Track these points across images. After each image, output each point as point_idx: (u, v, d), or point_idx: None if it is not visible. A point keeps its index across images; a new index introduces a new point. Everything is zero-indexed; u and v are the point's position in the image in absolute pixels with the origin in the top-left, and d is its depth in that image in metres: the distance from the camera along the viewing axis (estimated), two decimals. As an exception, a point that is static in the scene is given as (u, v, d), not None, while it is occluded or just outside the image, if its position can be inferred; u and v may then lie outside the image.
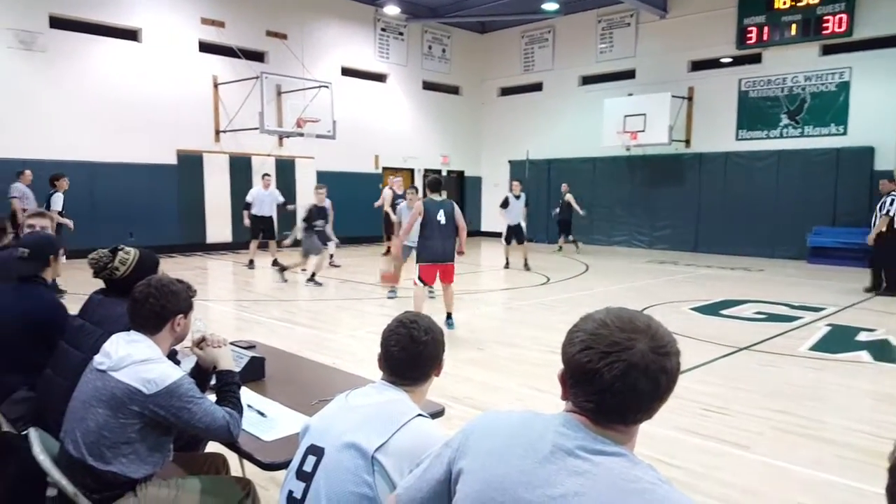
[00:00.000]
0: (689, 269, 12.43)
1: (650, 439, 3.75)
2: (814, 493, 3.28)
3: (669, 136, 15.04)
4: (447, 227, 6.73)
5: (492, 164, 20.00)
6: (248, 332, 6.25)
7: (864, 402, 4.96)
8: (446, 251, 6.76)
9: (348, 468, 1.54)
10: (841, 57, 13.70)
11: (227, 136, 14.58)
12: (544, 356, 5.76)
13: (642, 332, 1.07)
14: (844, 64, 13.64)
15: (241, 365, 2.65)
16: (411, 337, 1.73)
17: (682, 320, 7.40)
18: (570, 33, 17.97)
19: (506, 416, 1.23)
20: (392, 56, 17.86)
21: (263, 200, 11.72)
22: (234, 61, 14.62)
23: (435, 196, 6.84)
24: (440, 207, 6.72)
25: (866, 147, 13.35)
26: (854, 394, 5.10)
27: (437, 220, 6.66)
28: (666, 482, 1.04)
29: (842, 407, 4.78)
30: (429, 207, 6.71)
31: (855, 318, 7.71)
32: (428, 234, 6.69)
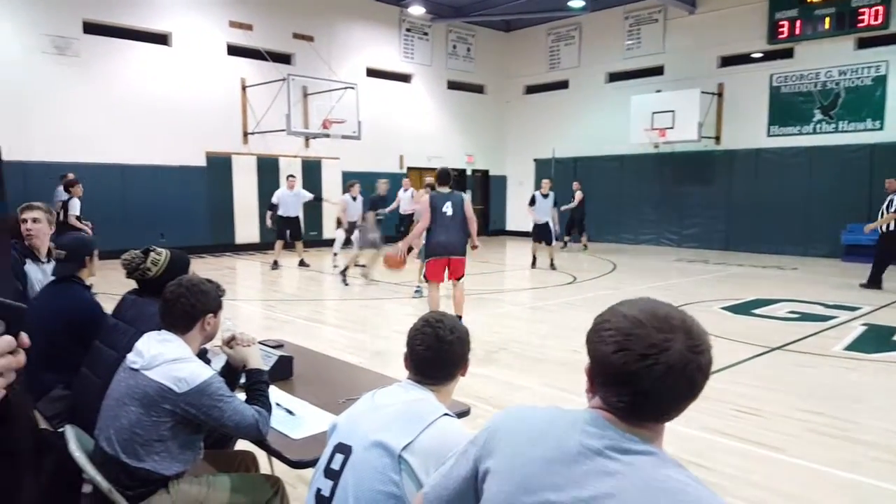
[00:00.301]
0: (719, 268, 12.23)
1: (681, 440, 3.70)
2: (850, 496, 3.22)
3: (699, 133, 14.80)
4: (455, 219, 6.36)
5: (517, 163, 19.93)
6: (276, 332, 6.30)
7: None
8: (454, 244, 6.36)
9: (375, 467, 1.55)
10: (877, 50, 13.32)
11: (255, 137, 14.76)
12: (569, 356, 5.72)
13: (679, 330, 1.04)
14: (881, 57, 13.26)
15: (270, 364, 2.67)
16: (437, 336, 1.73)
17: (713, 320, 7.28)
18: (596, 30, 17.81)
19: (531, 413, 1.22)
20: (417, 56, 17.91)
21: (289, 201, 11.86)
22: (261, 64, 14.80)
23: (443, 189, 6.51)
24: (447, 199, 6.37)
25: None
26: (891, 395, 4.97)
27: (444, 211, 6.31)
28: (697, 481, 1.02)
29: (878, 408, 4.66)
30: (435, 200, 6.39)
31: (891, 318, 7.51)
32: (434, 227, 6.32)
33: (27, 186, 10.95)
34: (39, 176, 11.49)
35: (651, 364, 1.02)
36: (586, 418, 1.10)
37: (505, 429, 1.21)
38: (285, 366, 2.77)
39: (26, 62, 11.87)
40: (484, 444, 1.22)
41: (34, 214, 3.50)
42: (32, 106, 11.86)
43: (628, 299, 1.12)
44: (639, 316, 1.06)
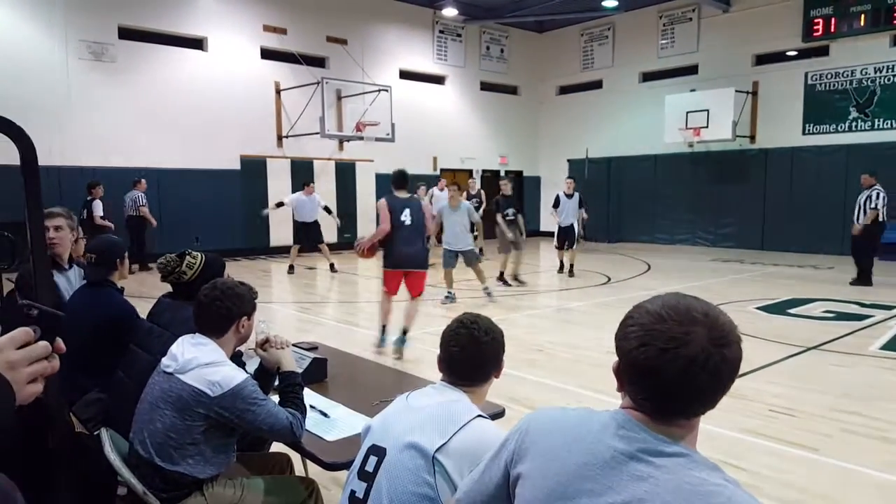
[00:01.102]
0: (755, 268, 12.13)
1: (715, 440, 3.77)
2: (886, 497, 3.24)
3: (733, 132, 14.67)
4: (414, 229, 5.79)
5: (550, 164, 19.93)
6: (309, 334, 6.26)
7: (941, 405, 4.82)
8: (412, 256, 5.85)
9: (409, 468, 1.55)
10: (915, 47, 13.07)
11: (290, 141, 14.98)
12: (604, 357, 5.75)
13: (700, 324, 1.02)
14: (920, 54, 13.00)
15: (304, 366, 2.67)
16: (472, 337, 1.72)
17: (748, 320, 7.29)
18: (630, 30, 17.73)
19: (562, 415, 1.20)
20: (450, 58, 18.05)
21: (305, 206, 12.02)
22: (295, 67, 15.03)
23: (401, 193, 5.95)
24: (406, 206, 5.83)
25: (945, 139, 12.69)
26: (929, 396, 4.96)
27: (402, 220, 5.78)
28: (733, 482, 1.01)
29: (916, 410, 4.67)
30: (393, 204, 5.82)
31: (931, 319, 7.42)
32: (393, 236, 5.78)
33: (63, 190, 11.36)
34: (75, 180, 11.80)
35: (672, 358, 1.01)
36: (618, 420, 1.09)
37: (536, 431, 1.20)
38: (319, 368, 2.77)
39: (62, 68, 12.09)
40: (516, 448, 1.22)
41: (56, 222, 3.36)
42: (69, 111, 12.11)
43: (656, 295, 1.12)
44: (660, 311, 1.05)
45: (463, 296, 8.93)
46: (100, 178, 11.83)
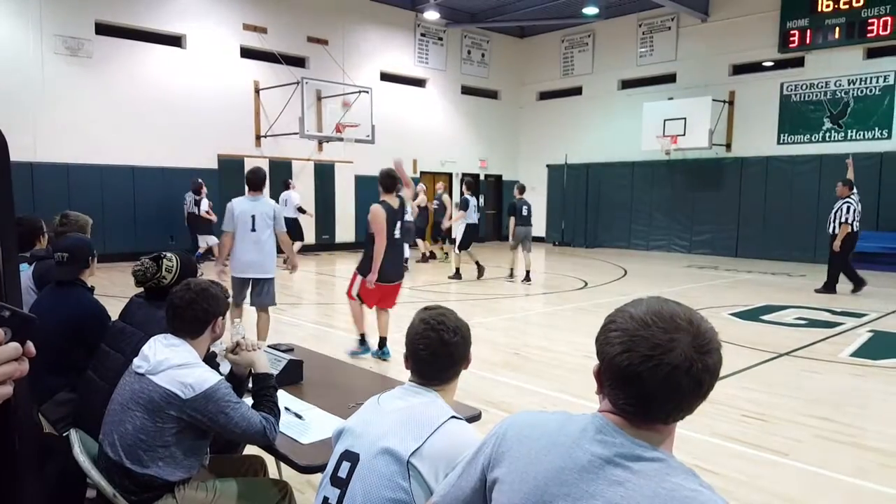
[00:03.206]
0: (729, 275, 12.30)
1: (689, 445, 3.80)
2: (856, 501, 3.29)
3: (710, 141, 14.89)
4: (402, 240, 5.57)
5: (530, 169, 20.03)
6: (286, 336, 6.05)
7: (907, 410, 4.92)
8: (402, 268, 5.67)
9: (384, 474, 1.53)
10: (886, 60, 13.39)
11: (268, 140, 14.87)
12: (581, 361, 5.81)
13: (684, 331, 1.03)
14: (889, 67, 13.33)
15: (280, 368, 2.65)
16: (441, 341, 1.70)
17: (722, 326, 7.29)
18: (610, 37, 17.92)
19: (539, 419, 1.20)
20: (431, 61, 18.06)
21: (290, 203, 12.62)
22: (275, 67, 14.93)
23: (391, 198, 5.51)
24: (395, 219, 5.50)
25: (914, 151, 13.02)
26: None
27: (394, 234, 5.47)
28: (707, 488, 1.01)
29: (884, 414, 4.75)
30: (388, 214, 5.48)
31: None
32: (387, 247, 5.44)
33: (36, 187, 11.19)
34: (49, 176, 11.64)
35: (655, 365, 1.01)
36: (596, 424, 1.09)
37: (513, 436, 1.19)
38: (295, 370, 2.74)
39: (37, 63, 11.86)
40: (492, 452, 1.21)
41: None
42: (43, 106, 11.89)
43: (638, 299, 1.12)
44: (644, 317, 1.05)
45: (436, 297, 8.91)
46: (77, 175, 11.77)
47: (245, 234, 5.30)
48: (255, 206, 5.38)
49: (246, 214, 5.32)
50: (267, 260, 5.36)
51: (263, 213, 5.34)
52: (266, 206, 5.40)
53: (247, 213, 5.33)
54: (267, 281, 5.39)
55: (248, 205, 5.40)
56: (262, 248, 5.33)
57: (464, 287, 10.49)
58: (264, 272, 5.36)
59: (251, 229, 5.28)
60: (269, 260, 5.38)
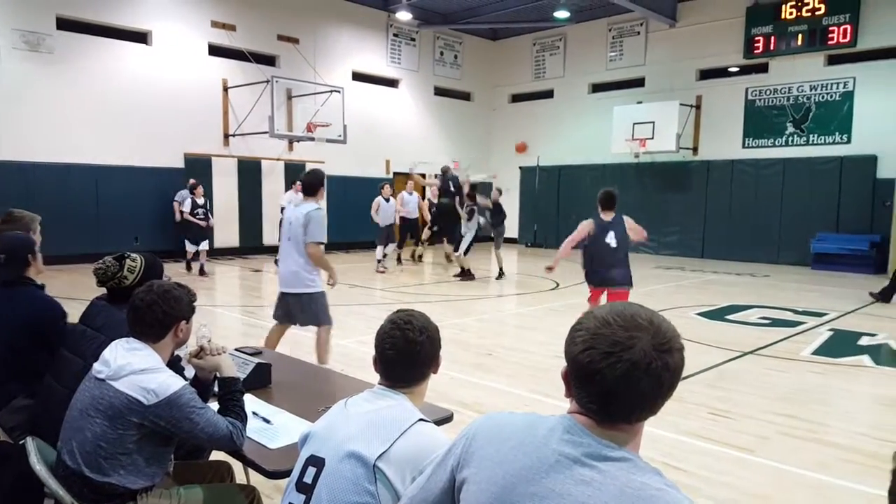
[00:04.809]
0: (695, 275, 12.53)
1: (656, 443, 3.85)
2: (819, 496, 3.36)
3: (677, 144, 15.16)
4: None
5: (502, 170, 20.11)
6: (255, 339, 6.04)
7: (867, 405, 5.09)
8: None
9: (349, 478, 1.52)
10: (845, 67, 13.81)
11: (236, 140, 14.65)
12: (553, 361, 5.82)
13: (644, 329, 1.05)
14: (849, 74, 13.74)
15: (247, 371, 2.61)
16: (406, 339, 1.68)
17: (688, 325, 7.51)
18: (581, 41, 18.11)
19: (509, 420, 1.21)
20: (404, 62, 18.03)
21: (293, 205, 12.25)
22: (244, 65, 14.72)
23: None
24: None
25: (869, 155, 13.45)
26: (857, 398, 5.23)
27: None
28: (672, 486, 1.03)
29: (845, 411, 4.89)
30: None
31: (856, 323, 7.83)
32: None
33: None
34: (9, 175, 11.29)
35: (614, 361, 1.03)
36: (564, 425, 1.11)
37: (482, 437, 1.20)
38: (263, 373, 2.69)
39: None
40: (461, 453, 1.21)
41: None
42: (1, 103, 11.54)
43: (606, 304, 1.15)
44: (607, 316, 1.08)
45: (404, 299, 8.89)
46: (38, 174, 11.47)
47: (283, 242, 4.84)
48: (295, 212, 4.74)
49: (286, 221, 4.85)
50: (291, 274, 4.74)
51: (297, 219, 4.68)
52: (300, 213, 4.68)
53: (286, 219, 4.86)
54: (296, 296, 4.77)
55: (290, 211, 4.85)
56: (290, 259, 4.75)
57: (437, 289, 10.50)
58: (290, 286, 4.78)
59: (287, 238, 4.75)
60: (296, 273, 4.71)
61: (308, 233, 4.57)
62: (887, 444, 3.98)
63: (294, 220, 4.67)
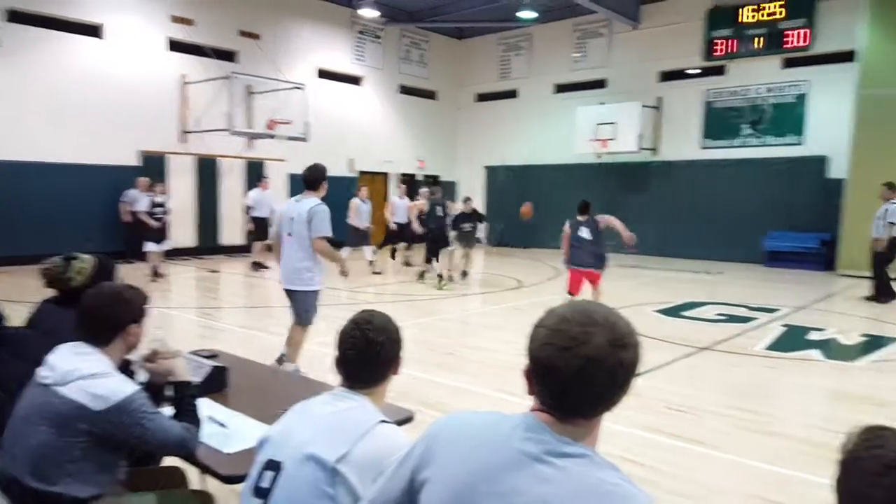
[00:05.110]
0: (654, 273, 12.75)
1: (614, 437, 3.87)
2: (773, 486, 3.43)
3: (638, 145, 15.40)
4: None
5: (468, 170, 20.16)
6: (211, 341, 6.00)
7: (817, 398, 5.24)
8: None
9: (308, 482, 1.49)
10: (800, 70, 14.21)
11: (194, 137, 14.27)
12: (516, 359, 5.75)
13: (601, 326, 1.08)
14: (803, 77, 14.16)
15: (203, 375, 2.56)
16: (367, 339, 1.67)
17: (647, 322, 7.63)
18: (546, 42, 18.22)
19: (469, 420, 1.22)
20: (369, 59, 17.88)
21: (263, 202, 12.21)
22: (203, 60, 14.37)
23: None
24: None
25: (820, 156, 13.88)
26: (806, 391, 5.38)
27: None
28: (627, 481, 1.06)
29: (796, 403, 5.04)
30: None
31: (807, 319, 8.06)
32: None
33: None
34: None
35: (570, 357, 1.05)
36: (525, 423, 1.12)
37: (444, 437, 1.20)
38: (219, 377, 2.65)
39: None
40: (422, 454, 1.21)
41: None
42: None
43: (566, 302, 1.18)
44: (565, 313, 1.11)
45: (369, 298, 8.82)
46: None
47: (284, 238, 4.77)
48: (296, 207, 4.71)
49: (285, 216, 4.78)
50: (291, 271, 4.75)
51: (299, 215, 4.66)
52: (302, 208, 4.66)
53: (286, 214, 4.78)
54: (292, 293, 4.83)
55: (289, 206, 4.80)
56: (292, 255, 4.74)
57: (401, 288, 10.45)
58: (289, 283, 4.80)
59: (287, 233, 4.73)
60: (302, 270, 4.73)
61: (314, 228, 4.56)
62: (837, 434, 4.09)
63: (297, 215, 4.62)
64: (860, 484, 0.89)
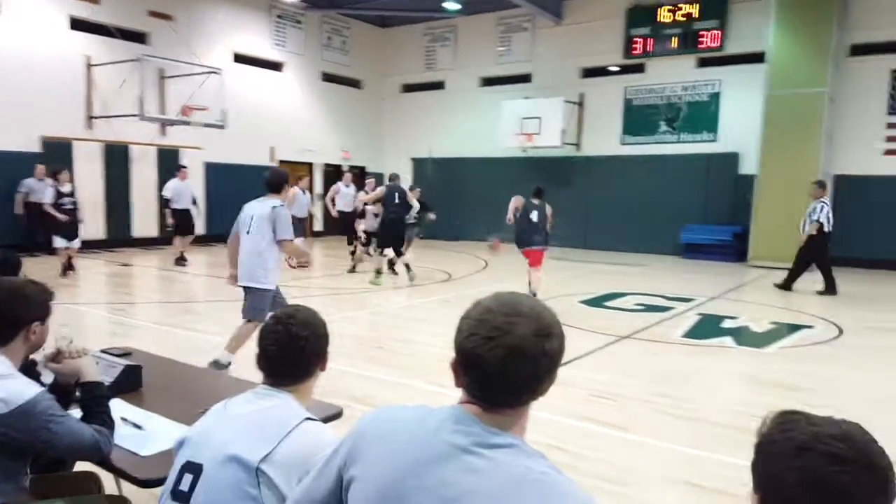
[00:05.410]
0: (578, 265, 13.06)
1: (541, 425, 3.89)
2: (690, 468, 3.54)
3: (562, 140, 15.71)
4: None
5: (395, 161, 19.93)
6: (124, 338, 5.80)
7: (731, 383, 5.47)
8: None
9: (230, 483, 1.45)
10: (714, 70, 14.90)
11: (102, 122, 13.43)
12: (445, 352, 5.73)
13: (525, 316, 1.09)
14: (716, 76, 14.85)
15: (115, 374, 2.47)
16: (289, 334, 1.63)
17: (571, 312, 7.78)
18: (471, 34, 18.25)
19: (397, 415, 1.21)
20: (289, 45, 17.34)
21: (182, 193, 11.52)
22: (110, 41, 13.52)
23: None
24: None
25: (733, 153, 14.62)
26: (721, 375, 5.62)
27: None
28: (554, 469, 1.07)
29: (712, 388, 5.24)
30: None
31: (720, 308, 8.44)
32: None
33: None
34: None
35: (494, 346, 1.06)
36: (454, 415, 1.12)
37: (371, 433, 1.19)
38: (133, 376, 2.56)
39: None
40: (349, 451, 1.20)
41: None
42: None
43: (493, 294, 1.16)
44: (490, 304, 1.12)
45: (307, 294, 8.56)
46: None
47: (243, 236, 4.90)
48: (258, 206, 4.89)
49: (245, 216, 4.93)
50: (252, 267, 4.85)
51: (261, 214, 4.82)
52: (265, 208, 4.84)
53: (246, 214, 4.93)
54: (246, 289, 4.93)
55: (251, 206, 4.94)
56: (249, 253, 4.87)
57: (330, 282, 10.23)
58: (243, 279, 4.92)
59: (246, 231, 4.87)
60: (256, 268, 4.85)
61: (278, 231, 4.78)
62: (750, 417, 4.27)
63: (258, 214, 4.80)
64: (774, 466, 0.91)
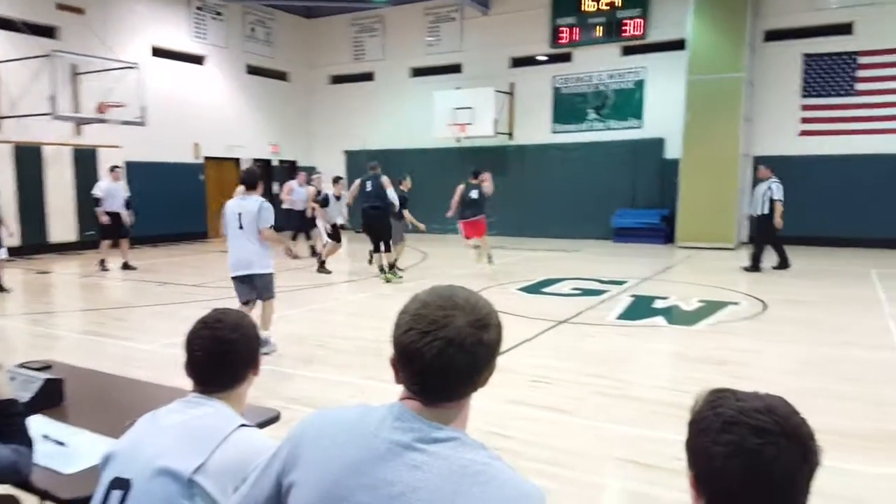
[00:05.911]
0: (515, 253, 13.22)
1: (483, 414, 3.90)
2: (630, 447, 3.64)
3: (494, 129, 15.83)
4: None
5: (326, 154, 19.59)
6: (45, 351, 5.49)
7: (665, 361, 5.66)
8: None
9: (161, 498, 1.40)
10: (638, 57, 15.35)
11: (11, 122, 12.64)
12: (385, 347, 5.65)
13: (461, 308, 1.09)
14: (641, 64, 15.31)
15: (33, 390, 2.35)
16: (217, 339, 1.57)
17: (509, 300, 7.86)
18: (399, 25, 18.10)
19: (336, 416, 1.19)
20: (210, 37, 16.69)
21: (116, 195, 10.99)
22: (16, 36, 12.70)
23: None
24: None
25: (658, 138, 15.15)
26: (654, 355, 5.80)
27: None
28: (496, 458, 1.08)
29: (646, 367, 5.42)
30: None
31: (651, 289, 8.73)
32: None
33: None
34: None
35: (431, 340, 1.06)
36: (394, 412, 1.12)
37: (310, 436, 1.17)
38: (54, 390, 2.44)
39: None
40: (287, 456, 1.17)
41: None
42: None
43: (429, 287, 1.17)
44: (426, 298, 1.13)
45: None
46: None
47: (234, 232, 5.50)
48: (242, 204, 5.50)
49: (233, 213, 5.49)
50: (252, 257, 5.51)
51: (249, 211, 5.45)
52: (252, 205, 5.48)
53: (234, 211, 5.49)
54: (254, 277, 5.57)
55: (236, 204, 5.54)
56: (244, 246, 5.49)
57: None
58: (249, 268, 5.54)
59: (238, 227, 5.46)
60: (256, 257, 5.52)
61: (262, 219, 5.41)
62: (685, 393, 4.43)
63: (245, 211, 5.43)
64: (704, 441, 0.94)
